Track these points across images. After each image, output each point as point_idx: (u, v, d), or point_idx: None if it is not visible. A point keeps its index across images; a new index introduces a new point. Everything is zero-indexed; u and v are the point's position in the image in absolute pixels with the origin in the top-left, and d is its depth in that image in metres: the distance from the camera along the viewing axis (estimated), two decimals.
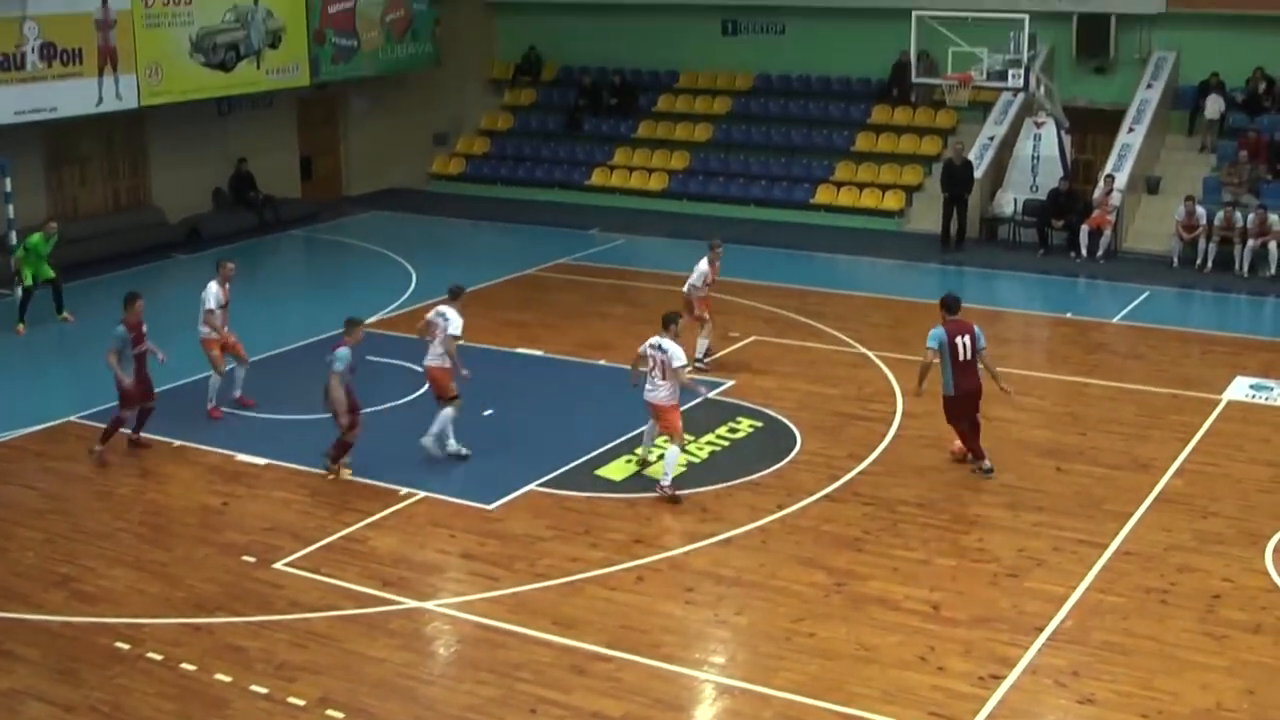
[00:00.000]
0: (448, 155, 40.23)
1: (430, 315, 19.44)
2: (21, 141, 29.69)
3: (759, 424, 20.33)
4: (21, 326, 26.07)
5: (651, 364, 18.10)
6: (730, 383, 22.07)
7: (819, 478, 18.29)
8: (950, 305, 18.53)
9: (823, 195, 34.67)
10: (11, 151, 28.83)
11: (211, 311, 20.99)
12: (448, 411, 19.13)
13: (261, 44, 33.58)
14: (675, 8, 38.38)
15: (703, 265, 23.13)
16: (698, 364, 22.19)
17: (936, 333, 18.16)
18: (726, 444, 19.56)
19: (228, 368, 21.39)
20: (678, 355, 17.86)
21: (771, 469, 18.64)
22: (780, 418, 20.53)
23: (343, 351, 18.07)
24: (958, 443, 18.73)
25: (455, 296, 19.54)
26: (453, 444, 19.23)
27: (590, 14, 39.83)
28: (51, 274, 26.51)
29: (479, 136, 40.56)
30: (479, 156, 39.89)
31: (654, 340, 18.18)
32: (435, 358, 19.24)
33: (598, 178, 37.56)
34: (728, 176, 36.26)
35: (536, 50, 40.96)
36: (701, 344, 22.85)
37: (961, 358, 18.06)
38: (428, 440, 19.10)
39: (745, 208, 34.85)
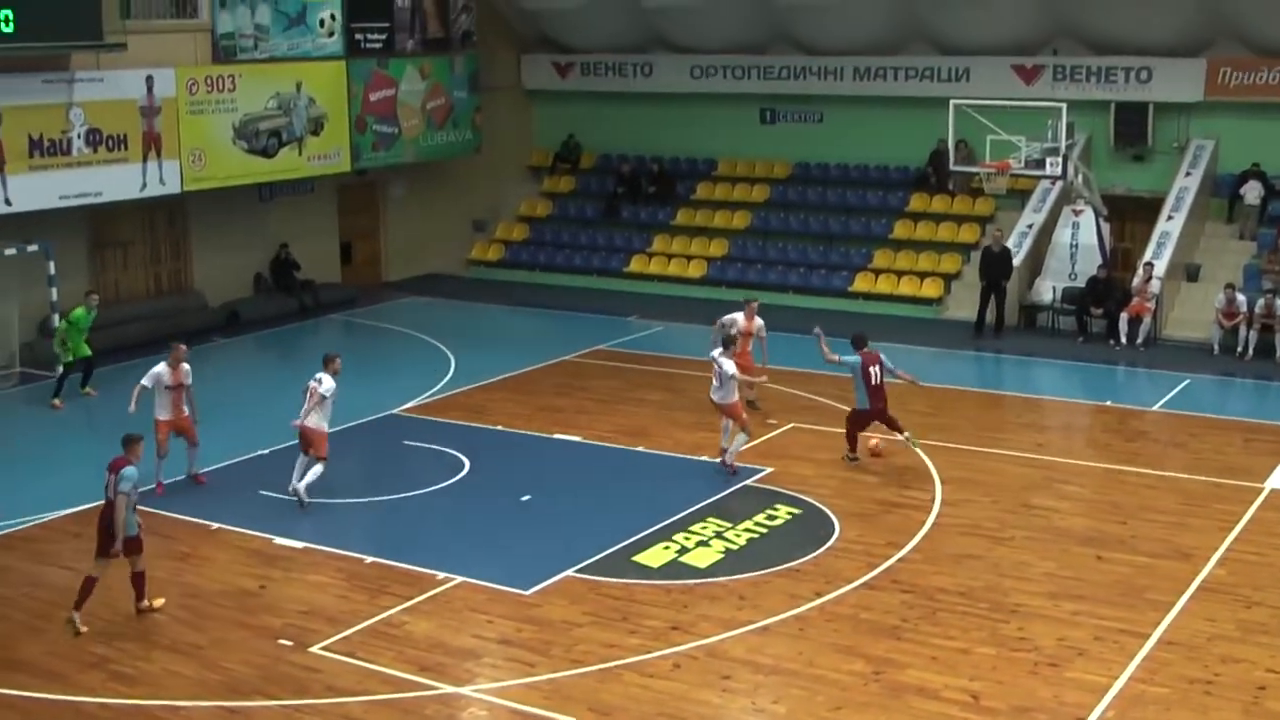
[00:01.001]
0: (487, 241, 40.45)
1: (311, 381, 21.23)
2: (66, 225, 30.01)
3: (797, 511, 20.26)
4: (58, 401, 26.26)
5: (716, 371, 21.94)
6: (768, 469, 22.01)
7: (857, 565, 18.19)
8: (858, 341, 22.77)
9: (861, 283, 34.70)
10: (56, 235, 29.14)
11: (145, 388, 21.55)
12: (318, 468, 20.66)
13: (303, 131, 33.93)
14: (714, 96, 38.63)
15: (738, 316, 25.10)
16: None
17: (854, 360, 22.38)
18: (764, 531, 19.49)
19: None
20: (729, 366, 21.90)
21: (809, 556, 18.54)
22: (818, 505, 20.46)
23: (130, 470, 16.71)
24: (874, 441, 22.54)
25: (328, 363, 21.43)
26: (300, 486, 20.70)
27: (629, 102, 40.12)
28: (88, 352, 26.75)
29: (518, 223, 40.79)
30: (518, 243, 40.09)
31: (713, 353, 22.34)
32: (313, 420, 20.90)
33: (636, 265, 37.69)
34: (766, 264, 36.35)
35: (575, 138, 41.25)
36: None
37: (873, 382, 22.22)
38: (299, 487, 20.65)
39: (784, 295, 34.87)
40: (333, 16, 34.35)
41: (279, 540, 19.44)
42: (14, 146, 28.06)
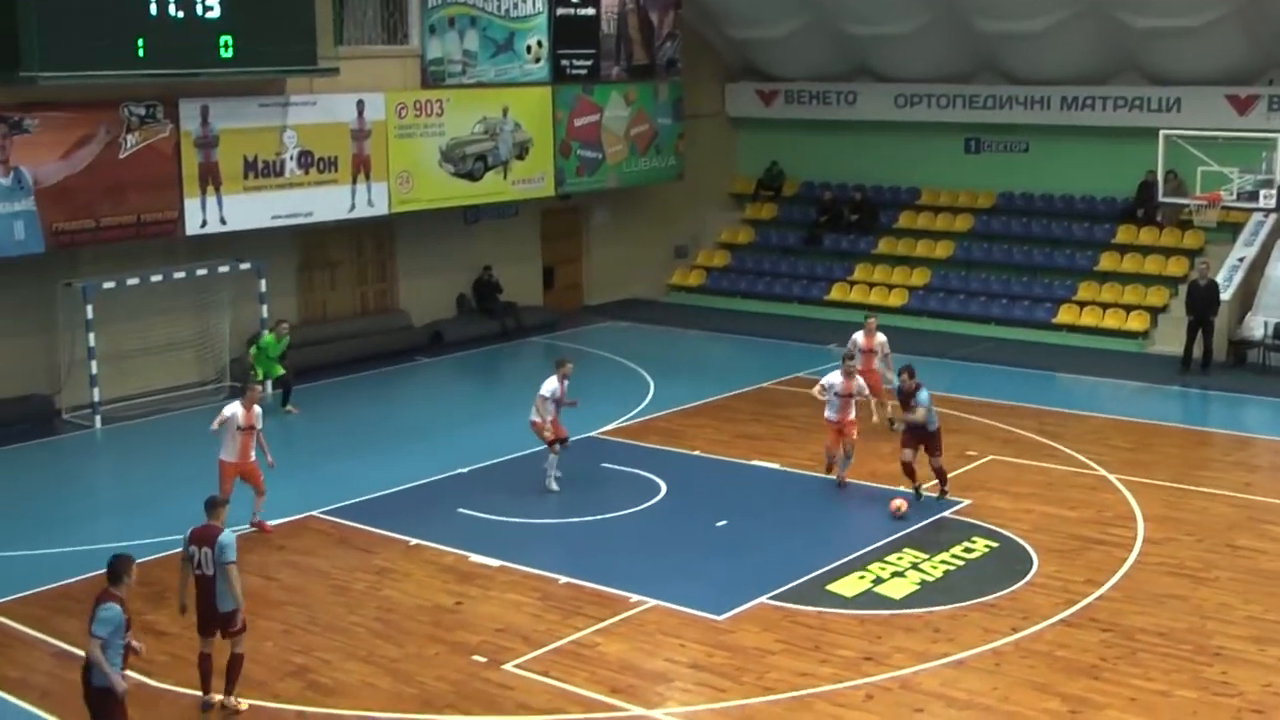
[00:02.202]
0: (687, 267, 40.60)
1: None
2: (277, 245, 30.79)
3: (994, 544, 19.99)
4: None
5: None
6: (966, 502, 21.76)
7: (1055, 602, 17.88)
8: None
9: (1065, 315, 34.15)
10: (267, 255, 29.92)
11: (215, 431, 20.69)
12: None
13: (509, 155, 34.40)
14: (918, 125, 38.38)
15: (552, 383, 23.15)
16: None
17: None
18: (961, 564, 19.26)
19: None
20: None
21: (1006, 591, 18.27)
22: (1016, 539, 20.16)
23: (230, 538, 15.23)
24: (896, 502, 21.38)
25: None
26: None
27: (832, 130, 40.02)
28: (281, 372, 27.40)
29: (719, 249, 40.89)
30: (718, 269, 40.18)
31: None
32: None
33: (837, 293, 37.54)
34: (968, 294, 35.97)
35: (778, 165, 41.25)
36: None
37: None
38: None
39: (985, 326, 34.48)
40: (539, 43, 34.81)
41: (475, 558, 19.69)
42: (230, 168, 28.89)
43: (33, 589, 18.79)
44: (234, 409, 20.37)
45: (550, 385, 22.47)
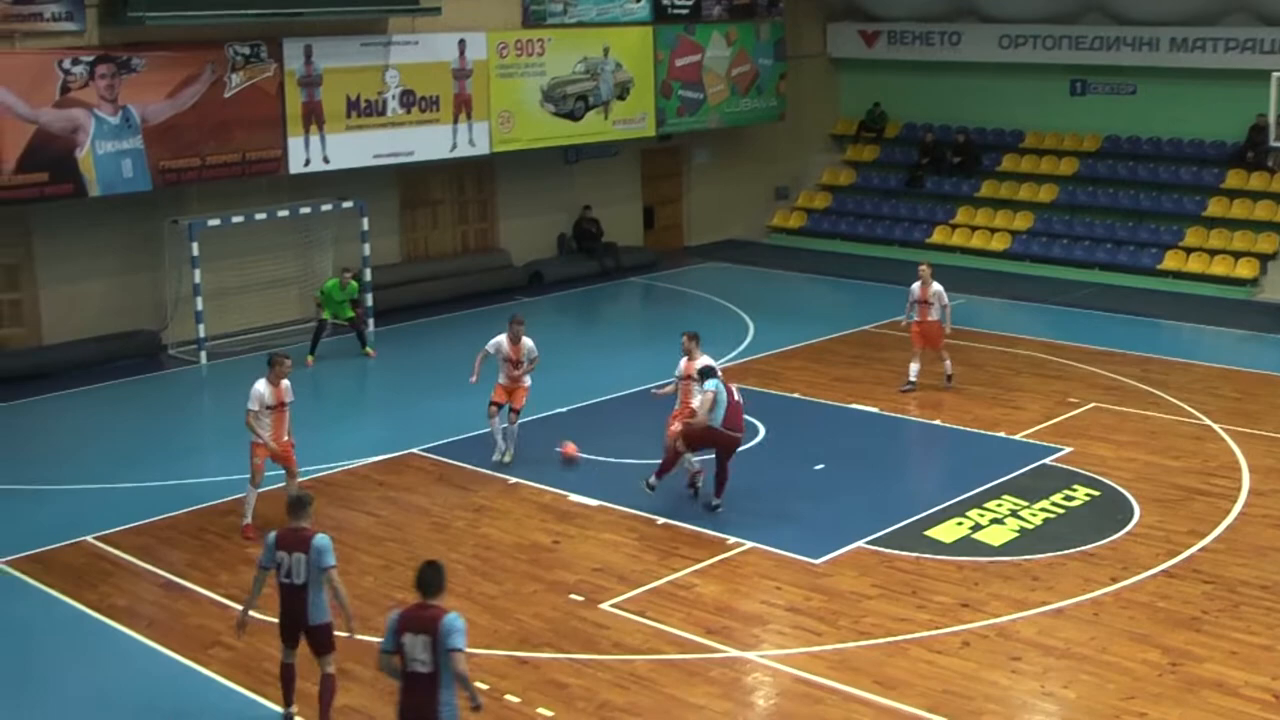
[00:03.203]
0: (788, 209, 40.43)
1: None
2: (379, 184, 30.99)
3: (1095, 493, 19.82)
4: (311, 359, 27.01)
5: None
6: (1067, 449, 21.57)
7: (1156, 552, 17.72)
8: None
9: (1171, 261, 33.70)
10: (369, 194, 30.12)
11: (254, 413, 18.54)
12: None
13: (610, 95, 34.37)
14: (1023, 67, 37.90)
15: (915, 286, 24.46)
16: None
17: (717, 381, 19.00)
18: (1061, 512, 19.11)
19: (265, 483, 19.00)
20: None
21: (1107, 540, 18.12)
22: (1118, 488, 19.97)
23: (326, 540, 13.36)
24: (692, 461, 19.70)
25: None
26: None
27: (935, 72, 39.64)
28: (350, 314, 27.41)
29: (819, 191, 40.68)
30: (819, 211, 39.98)
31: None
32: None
33: (938, 236, 37.26)
34: (1072, 239, 35.57)
35: (880, 107, 40.92)
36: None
37: (736, 398, 19.00)
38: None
39: (1089, 271, 34.12)
40: None
41: (574, 497, 19.80)
42: (333, 107, 29.09)
43: (141, 520, 19.14)
44: (260, 388, 18.40)
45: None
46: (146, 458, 21.64)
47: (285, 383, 18.57)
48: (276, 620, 13.60)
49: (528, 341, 21.23)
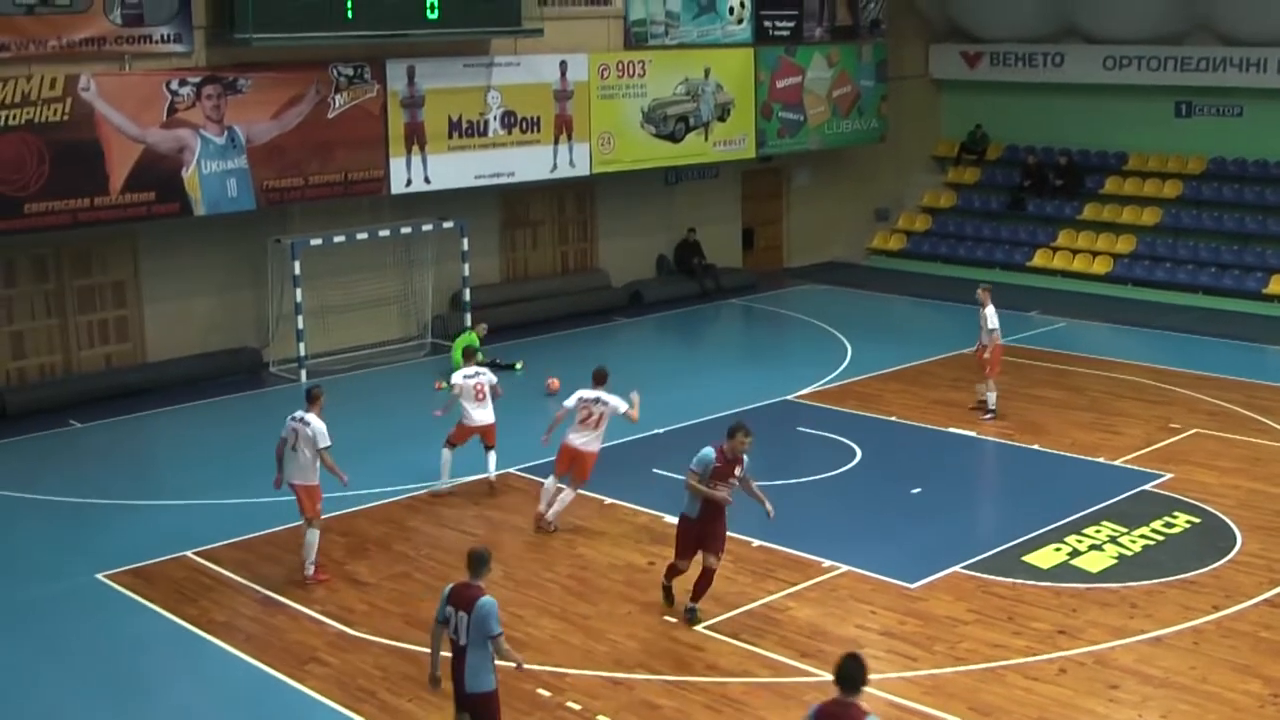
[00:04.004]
0: (888, 231, 40.28)
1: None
2: (480, 204, 31.22)
3: (1196, 520, 19.57)
4: (441, 383, 27.13)
5: (587, 414, 19.42)
6: (1168, 475, 21.32)
7: (1259, 581, 17.46)
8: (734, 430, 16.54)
9: (1277, 285, 33.22)
10: (470, 213, 30.34)
11: (329, 446, 17.87)
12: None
13: (710, 116, 34.43)
14: (1126, 88, 37.55)
15: None
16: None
17: (705, 454, 16.33)
18: (1161, 539, 18.89)
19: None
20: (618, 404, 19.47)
21: (1208, 568, 17.88)
22: (1219, 515, 19.70)
23: (490, 603, 12.43)
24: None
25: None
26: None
27: (1038, 93, 39.36)
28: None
29: (920, 213, 40.50)
30: (920, 233, 39.82)
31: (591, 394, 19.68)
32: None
33: (1040, 259, 36.98)
34: (1175, 262, 35.17)
35: (982, 128, 40.68)
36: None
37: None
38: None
39: (1193, 295, 33.71)
40: (742, 4, 34.77)
41: (669, 519, 19.72)
42: (435, 127, 29.33)
43: (241, 536, 19.37)
44: (319, 422, 17.84)
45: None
46: (247, 474, 21.85)
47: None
48: (376, 638, 13.70)
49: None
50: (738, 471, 16.40)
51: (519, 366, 27.83)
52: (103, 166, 25.32)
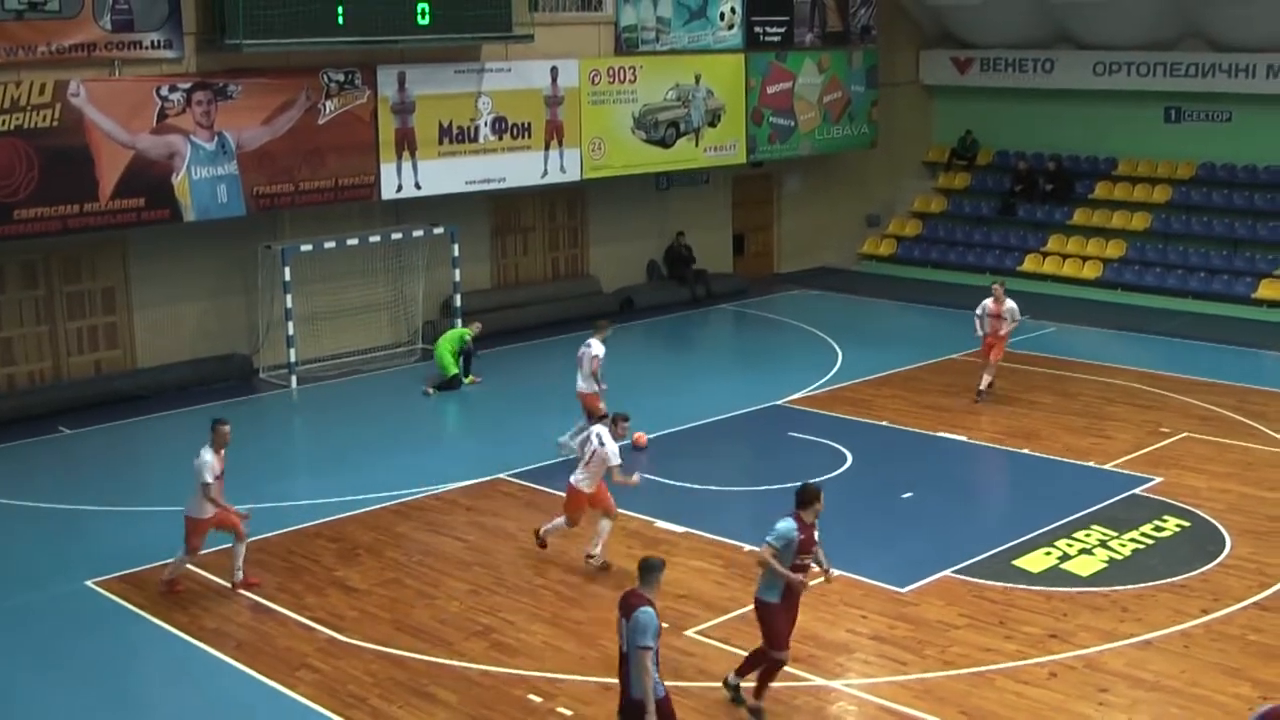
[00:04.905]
0: (879, 236, 40.32)
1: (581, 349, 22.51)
2: (470, 210, 31.22)
3: (1186, 524, 19.59)
4: (433, 391, 27.25)
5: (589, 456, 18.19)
6: (1159, 479, 21.35)
7: (1248, 585, 17.47)
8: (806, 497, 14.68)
9: (1266, 290, 33.28)
10: (461, 219, 30.34)
11: (209, 485, 17.45)
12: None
13: (701, 122, 34.44)
14: (1116, 94, 37.61)
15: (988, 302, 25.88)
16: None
17: (787, 528, 14.40)
18: (1151, 543, 18.90)
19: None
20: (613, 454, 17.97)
21: (1197, 572, 17.89)
22: (1209, 519, 19.72)
23: (648, 615, 12.32)
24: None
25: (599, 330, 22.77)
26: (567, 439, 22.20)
27: (1028, 99, 39.41)
28: (455, 370, 27.36)
29: (911, 218, 40.54)
30: (910, 239, 39.85)
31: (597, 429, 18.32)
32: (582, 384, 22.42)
33: (1030, 264, 37.02)
34: (1165, 267, 35.22)
35: (973, 134, 40.73)
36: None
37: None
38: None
39: (1183, 300, 33.77)
40: (733, 10, 34.76)
41: (660, 524, 19.80)
42: (425, 133, 29.32)
43: (231, 542, 19.27)
44: (209, 455, 17.47)
45: (600, 349, 22.50)
46: (237, 480, 21.67)
47: (223, 450, 17.65)
48: (367, 644, 13.67)
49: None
50: (817, 537, 14.54)
51: (469, 380, 27.69)
52: (92, 172, 25.28)
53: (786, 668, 14.79)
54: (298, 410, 26.99)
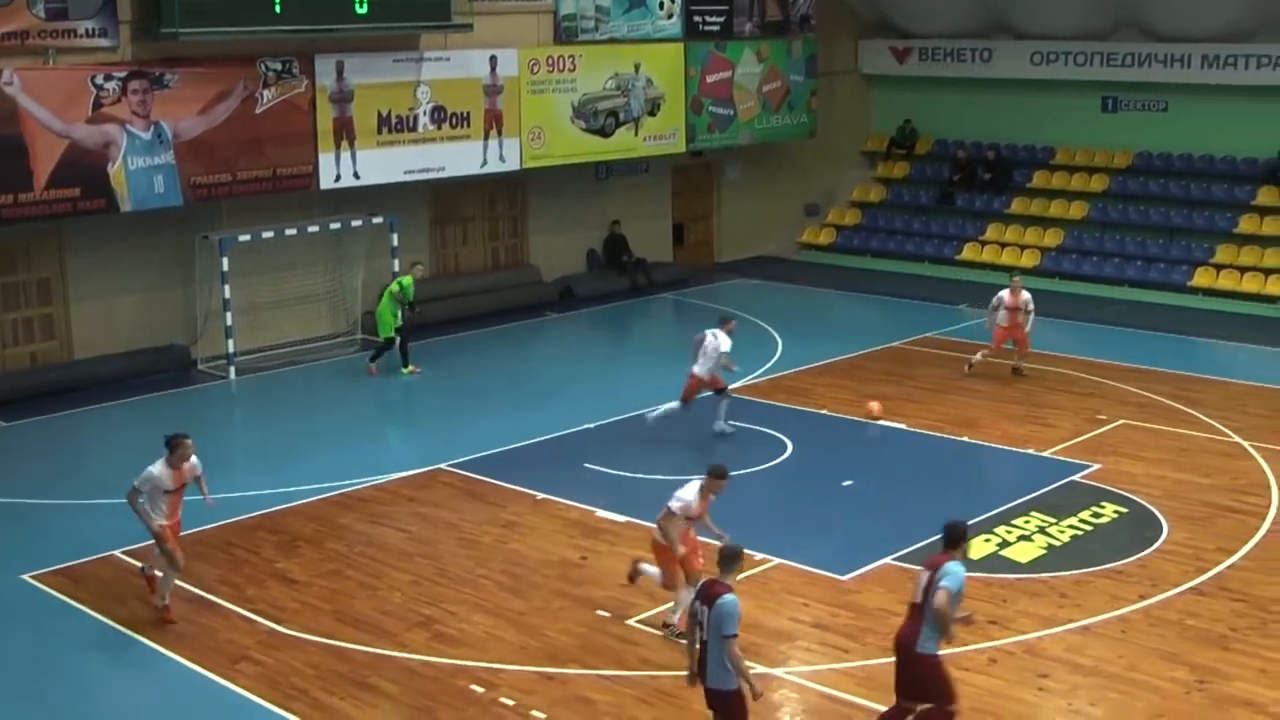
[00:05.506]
0: (819, 225, 40.41)
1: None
2: (410, 200, 31.09)
3: (1124, 510, 19.75)
4: (374, 366, 27.26)
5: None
6: (1096, 466, 21.50)
7: (1185, 570, 17.64)
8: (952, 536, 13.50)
9: (1202, 278, 33.58)
10: (400, 209, 30.21)
11: (139, 493, 16.50)
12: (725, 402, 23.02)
13: (641, 111, 34.41)
14: (1054, 83, 37.84)
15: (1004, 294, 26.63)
16: None
17: (962, 575, 13.06)
18: (1089, 529, 19.05)
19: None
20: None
21: (1135, 557, 18.04)
22: (1147, 505, 19.90)
23: (730, 602, 12.30)
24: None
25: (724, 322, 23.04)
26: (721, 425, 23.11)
27: (967, 88, 39.59)
28: (398, 324, 27.35)
29: (850, 208, 40.66)
30: (850, 228, 39.96)
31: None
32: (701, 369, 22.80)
33: (969, 253, 37.20)
34: (1102, 255, 35.46)
35: (911, 124, 40.88)
36: None
37: (914, 597, 13.21)
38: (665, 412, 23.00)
39: (1120, 288, 34.01)
40: None
41: (601, 513, 19.80)
42: (364, 123, 29.19)
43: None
44: (158, 470, 16.40)
45: (728, 343, 22.76)
46: None
47: (191, 460, 16.63)
48: (309, 636, 13.62)
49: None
50: None
51: (409, 370, 27.60)
52: (26, 162, 25.01)
53: None
54: (237, 402, 26.83)
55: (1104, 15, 36.72)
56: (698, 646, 12.54)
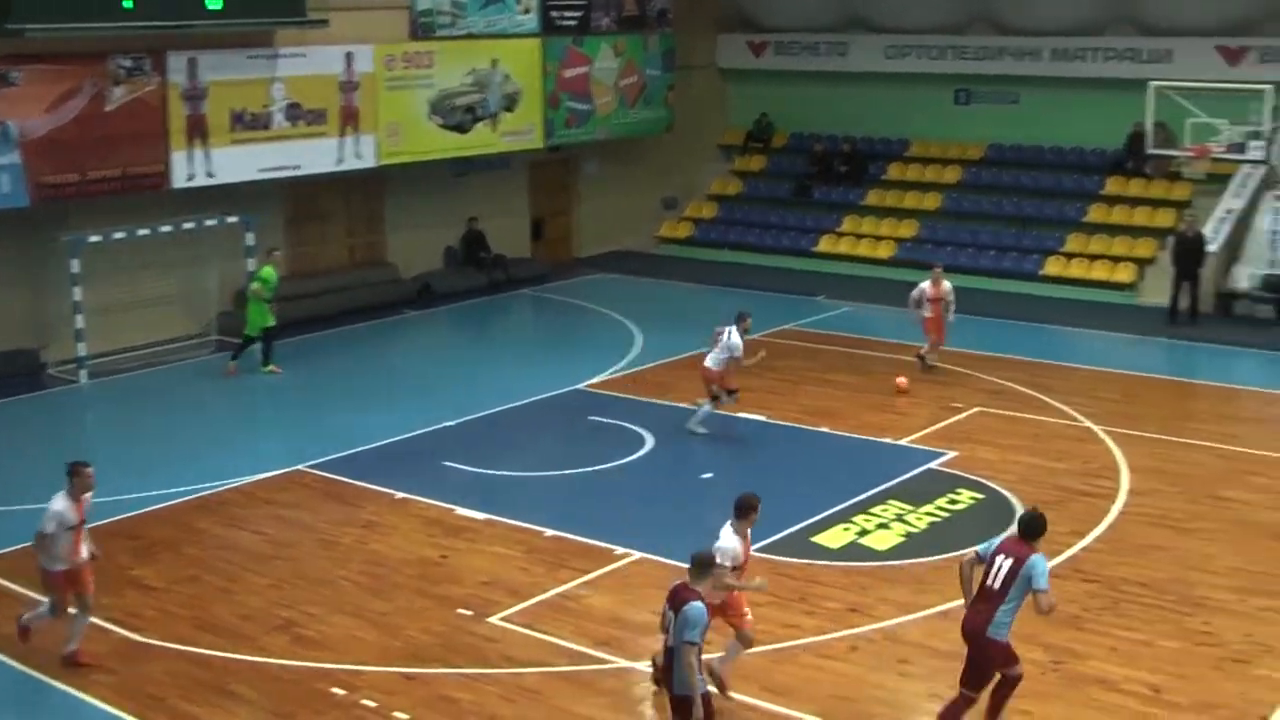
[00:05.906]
0: (677, 219, 40.53)
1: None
2: (265, 198, 30.71)
3: (980, 496, 20.04)
4: (234, 365, 27.01)
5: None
6: (953, 454, 21.79)
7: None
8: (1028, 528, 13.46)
9: (1053, 267, 34.15)
10: (255, 208, 29.84)
11: (48, 537, 15.13)
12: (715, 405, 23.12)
13: (498, 107, 34.31)
14: (908, 77, 38.26)
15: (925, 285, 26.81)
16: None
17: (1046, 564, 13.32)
18: (946, 515, 19.31)
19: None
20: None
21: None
22: (1001, 490, 20.21)
23: (697, 609, 12.30)
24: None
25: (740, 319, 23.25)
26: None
27: (822, 82, 39.88)
28: (272, 322, 27.13)
29: (708, 202, 40.81)
30: (708, 221, 40.12)
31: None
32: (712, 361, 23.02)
33: (825, 245, 37.50)
34: (957, 246, 35.90)
35: (768, 117, 41.11)
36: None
37: (988, 582, 13.34)
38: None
39: (974, 278, 34.34)
40: None
41: (461, 511, 19.73)
42: (218, 120, 28.81)
43: (18, 545, 18.75)
44: (61, 504, 15.06)
45: (739, 339, 22.86)
46: (23, 479, 21.23)
47: (88, 495, 15.43)
48: (166, 643, 13.43)
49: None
50: None
51: (269, 369, 27.35)
52: None
53: (590, 650, 14.88)
54: (89, 406, 26.35)
55: (958, 9, 37.24)
56: (662, 650, 12.51)
